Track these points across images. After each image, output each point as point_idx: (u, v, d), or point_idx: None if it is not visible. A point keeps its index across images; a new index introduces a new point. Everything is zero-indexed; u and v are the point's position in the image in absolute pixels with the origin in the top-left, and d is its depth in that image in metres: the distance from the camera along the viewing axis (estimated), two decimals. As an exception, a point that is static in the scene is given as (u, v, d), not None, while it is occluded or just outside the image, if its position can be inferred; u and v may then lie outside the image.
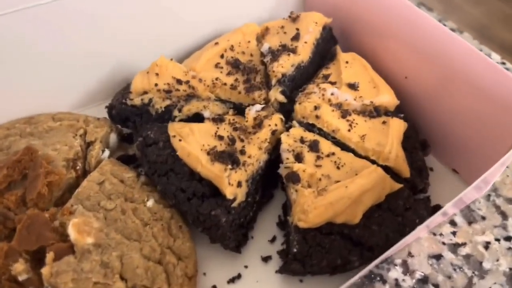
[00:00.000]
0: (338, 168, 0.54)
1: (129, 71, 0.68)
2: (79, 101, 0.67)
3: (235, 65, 0.64)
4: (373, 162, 0.56)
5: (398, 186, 0.54)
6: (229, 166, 0.53)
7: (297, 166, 0.53)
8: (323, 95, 0.60)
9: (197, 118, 0.61)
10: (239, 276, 0.54)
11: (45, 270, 0.46)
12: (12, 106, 0.62)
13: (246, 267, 0.54)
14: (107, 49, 0.65)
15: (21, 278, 0.47)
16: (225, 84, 0.62)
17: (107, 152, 0.60)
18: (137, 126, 0.62)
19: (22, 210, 0.52)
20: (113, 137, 0.62)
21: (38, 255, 0.49)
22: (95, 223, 0.51)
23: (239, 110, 0.62)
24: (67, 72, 0.64)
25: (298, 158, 0.55)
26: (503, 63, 0.76)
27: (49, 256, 0.47)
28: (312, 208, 0.50)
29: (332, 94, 0.60)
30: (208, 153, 0.54)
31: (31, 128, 0.60)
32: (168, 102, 0.61)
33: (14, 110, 0.63)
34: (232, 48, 0.66)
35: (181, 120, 0.61)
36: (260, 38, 0.69)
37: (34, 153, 0.55)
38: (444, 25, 0.86)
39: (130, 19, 0.64)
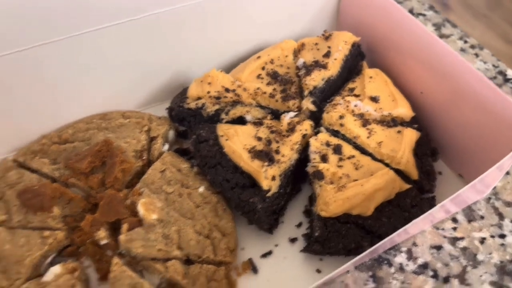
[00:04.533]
0: (356, 169, 0.65)
1: (184, 78, 0.80)
2: (143, 101, 0.80)
3: (274, 76, 0.75)
4: (387, 165, 0.66)
5: (406, 186, 0.65)
6: (266, 163, 0.65)
7: (322, 166, 0.64)
8: (347, 106, 0.70)
9: (241, 121, 0.73)
10: (270, 252, 0.66)
11: (121, 238, 0.60)
12: (90, 104, 0.76)
13: (276, 245, 0.66)
14: (168, 59, 0.77)
15: (102, 242, 0.61)
16: (265, 93, 0.73)
17: (166, 146, 0.73)
18: (191, 125, 0.74)
19: (102, 190, 0.65)
20: (171, 133, 0.75)
21: (115, 226, 0.62)
22: (158, 203, 0.64)
23: (276, 115, 0.73)
24: (134, 77, 0.77)
25: (324, 159, 0.66)
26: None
27: (124, 227, 0.61)
28: (332, 201, 0.61)
29: (355, 105, 0.70)
30: (249, 151, 0.66)
31: (105, 123, 0.74)
32: (217, 106, 0.73)
33: (91, 107, 0.76)
34: (272, 62, 0.78)
35: (227, 122, 0.73)
36: (297, 53, 0.80)
37: (110, 144, 0.68)
38: (466, 41, 0.94)
39: (188, 35, 0.76)
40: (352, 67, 0.80)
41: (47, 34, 0.66)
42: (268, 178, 0.64)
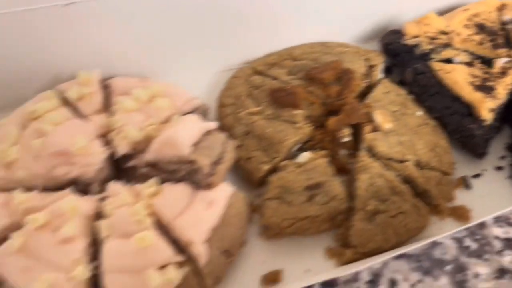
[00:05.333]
0: None
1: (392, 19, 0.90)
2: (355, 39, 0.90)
3: (481, 27, 0.83)
4: None
5: None
6: (486, 95, 0.73)
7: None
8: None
9: (448, 62, 0.81)
10: (478, 175, 0.74)
11: (367, 136, 0.69)
12: (308, 33, 0.86)
13: (484, 170, 0.74)
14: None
15: (343, 140, 0.70)
16: (473, 40, 0.81)
17: (381, 75, 0.82)
18: (404, 60, 0.83)
19: (336, 100, 0.75)
20: (381, 66, 0.84)
21: (354, 128, 0.72)
22: (389, 116, 0.73)
23: (484, 61, 0.80)
24: (348, 16, 0.87)
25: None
26: None
27: (366, 128, 0.70)
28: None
29: None
30: (470, 84, 0.74)
31: (327, 50, 0.83)
32: (431, 46, 0.81)
33: (309, 37, 0.87)
34: (477, 15, 0.85)
35: (436, 62, 0.81)
36: (500, 11, 0.87)
37: (341, 64, 0.78)
38: None
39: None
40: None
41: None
42: (487, 109, 0.72)
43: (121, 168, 0.68)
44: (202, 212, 0.59)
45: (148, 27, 0.76)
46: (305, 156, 0.69)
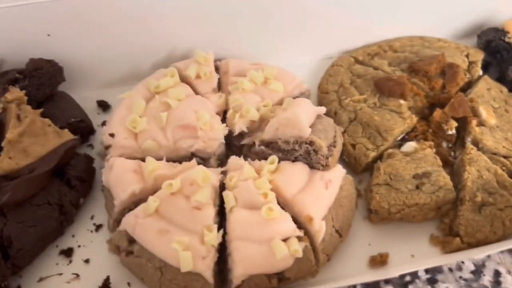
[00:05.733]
0: None
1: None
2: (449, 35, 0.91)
3: None
4: None
5: None
6: None
7: None
8: None
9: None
10: None
11: (476, 129, 0.70)
12: (405, 27, 0.87)
13: None
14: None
15: (448, 132, 0.72)
16: None
17: (481, 71, 0.83)
18: (503, 58, 0.83)
19: (443, 93, 0.76)
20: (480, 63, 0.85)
21: (461, 122, 0.73)
22: (491, 112, 0.74)
23: None
24: (444, 12, 0.88)
25: None
26: None
27: (473, 122, 0.71)
28: None
29: None
30: None
31: (427, 44, 0.85)
32: (532, 45, 0.82)
33: (405, 31, 0.88)
34: None
35: (539, 61, 0.81)
36: None
37: (445, 58, 0.79)
38: None
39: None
40: None
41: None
42: None
43: (232, 146, 0.71)
44: (321, 191, 0.61)
45: (255, 14, 0.79)
46: (411, 145, 0.70)
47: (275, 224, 0.58)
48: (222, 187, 0.63)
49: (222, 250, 0.59)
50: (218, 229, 0.58)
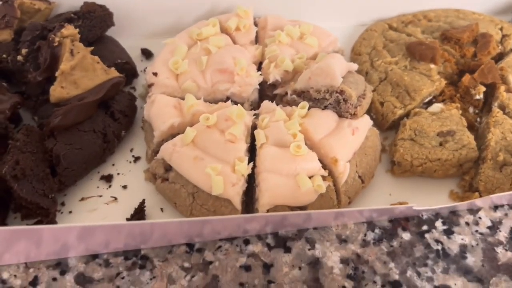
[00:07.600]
0: None
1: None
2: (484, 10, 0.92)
3: None
4: None
5: None
6: None
7: None
8: None
9: None
10: None
11: (502, 94, 0.72)
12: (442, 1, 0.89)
13: None
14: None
15: (476, 97, 0.74)
16: None
17: (512, 45, 0.84)
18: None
19: (474, 61, 0.78)
20: None
21: (489, 89, 0.75)
22: (521, 82, 0.75)
23: None
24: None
25: None
26: None
27: (501, 88, 0.73)
28: None
29: None
30: None
31: (461, 15, 0.87)
32: None
33: (442, 4, 0.90)
34: None
35: None
36: None
37: (477, 27, 0.81)
38: None
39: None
40: None
41: None
42: None
43: (264, 97, 0.75)
44: (347, 136, 0.65)
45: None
46: (438, 106, 0.73)
47: (302, 161, 0.61)
48: (254, 128, 0.67)
49: (250, 184, 0.63)
50: (248, 164, 0.62)
